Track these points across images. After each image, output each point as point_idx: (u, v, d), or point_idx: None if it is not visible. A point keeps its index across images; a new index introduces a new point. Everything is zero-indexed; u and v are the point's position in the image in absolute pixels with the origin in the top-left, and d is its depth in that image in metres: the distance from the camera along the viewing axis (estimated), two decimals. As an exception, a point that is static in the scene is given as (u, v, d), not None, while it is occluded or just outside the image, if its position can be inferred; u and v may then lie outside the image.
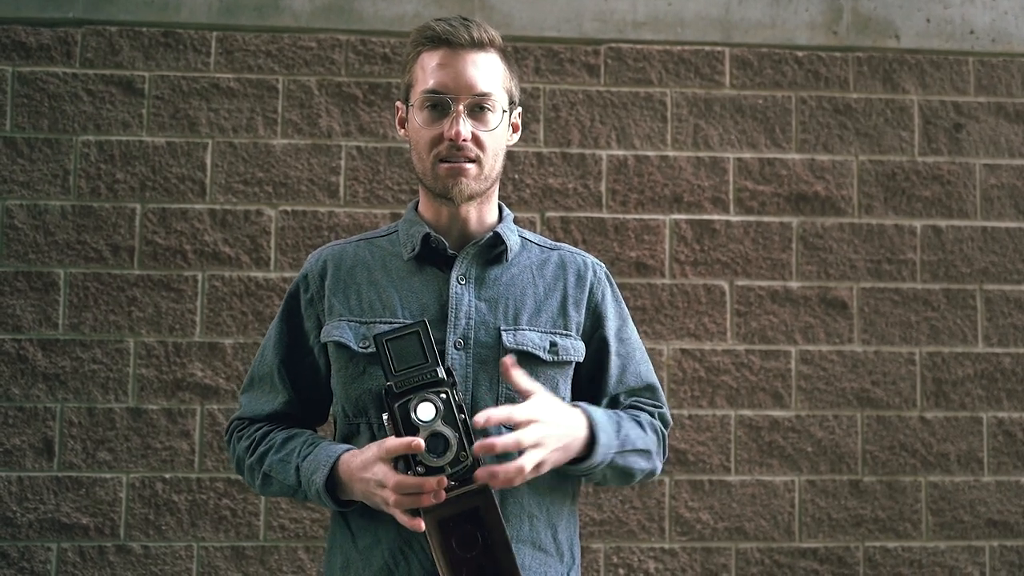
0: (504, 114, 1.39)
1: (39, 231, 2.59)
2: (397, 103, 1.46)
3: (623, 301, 1.52)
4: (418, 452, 1.16)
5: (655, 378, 1.50)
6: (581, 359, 1.41)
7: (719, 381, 2.66)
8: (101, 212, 2.61)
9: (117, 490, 2.53)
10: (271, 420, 1.44)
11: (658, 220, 2.70)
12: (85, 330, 2.57)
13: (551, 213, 2.68)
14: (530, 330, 1.37)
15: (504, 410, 1.21)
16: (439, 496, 1.17)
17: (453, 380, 1.24)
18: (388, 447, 1.18)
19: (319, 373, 1.43)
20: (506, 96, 1.39)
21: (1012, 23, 2.83)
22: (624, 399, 1.45)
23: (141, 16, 2.66)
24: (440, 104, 1.35)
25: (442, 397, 1.20)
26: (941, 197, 2.77)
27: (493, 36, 1.38)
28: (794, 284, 2.71)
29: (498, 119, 1.37)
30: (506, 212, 1.48)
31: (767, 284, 2.71)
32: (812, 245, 2.73)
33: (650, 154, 2.72)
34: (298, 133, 2.67)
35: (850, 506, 2.66)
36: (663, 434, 1.46)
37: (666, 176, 2.72)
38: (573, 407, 1.30)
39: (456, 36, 1.34)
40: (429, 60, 1.36)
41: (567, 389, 1.41)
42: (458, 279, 1.37)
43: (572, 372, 1.42)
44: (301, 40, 2.69)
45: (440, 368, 1.22)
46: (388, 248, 1.44)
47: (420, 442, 1.16)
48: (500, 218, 1.46)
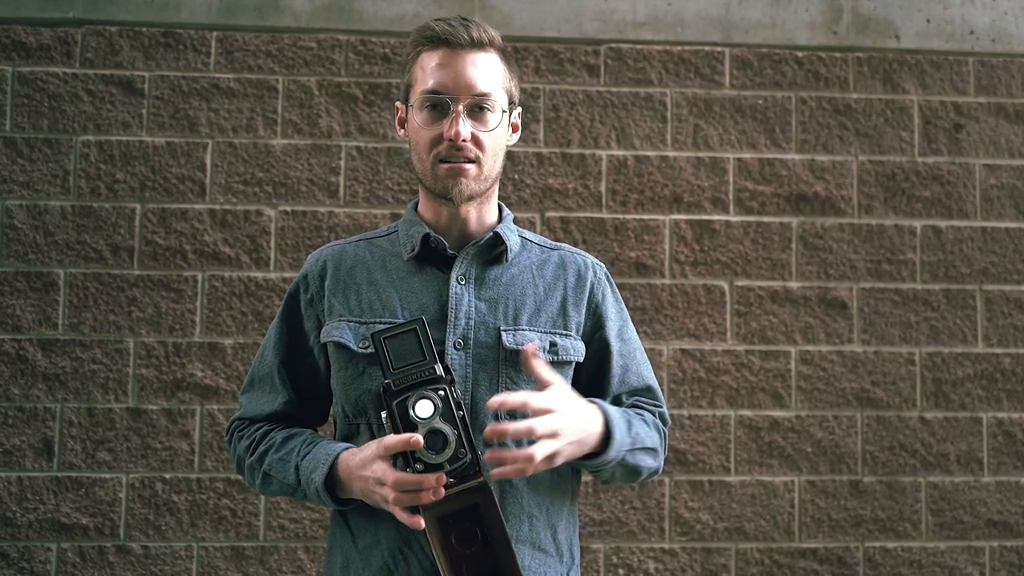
0: (504, 114, 1.39)
1: (39, 231, 2.59)
2: (397, 103, 1.46)
3: (623, 301, 1.52)
4: (417, 449, 1.16)
5: (654, 378, 1.51)
6: (581, 359, 1.42)
7: (719, 381, 2.66)
8: (101, 212, 2.61)
9: (117, 490, 2.53)
10: (271, 420, 1.44)
11: (658, 220, 2.70)
12: (85, 330, 2.57)
13: (551, 213, 2.68)
14: (530, 330, 1.37)
15: (521, 395, 1.21)
16: (438, 493, 1.17)
17: (451, 377, 1.24)
18: (387, 444, 1.18)
19: (319, 373, 1.43)
20: (505, 96, 1.39)
21: (1012, 23, 2.83)
22: (626, 399, 1.45)
23: (141, 16, 2.66)
24: (440, 104, 1.35)
25: (440, 394, 1.20)
26: (941, 197, 2.77)
27: (493, 36, 1.38)
28: (794, 284, 2.71)
29: (497, 119, 1.37)
30: (506, 212, 1.48)
31: (767, 284, 2.71)
32: (812, 245, 2.73)
33: (650, 154, 2.72)
34: (298, 133, 2.67)
35: (850, 506, 2.66)
36: (664, 433, 1.47)
37: (666, 176, 2.72)
38: (589, 403, 1.31)
39: (455, 36, 1.34)
40: (429, 60, 1.36)
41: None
42: (458, 279, 1.37)
43: (572, 372, 1.42)
44: (301, 40, 2.69)
45: (438, 365, 1.22)
46: (388, 248, 1.44)
47: (419, 438, 1.16)
48: (500, 218, 1.46)
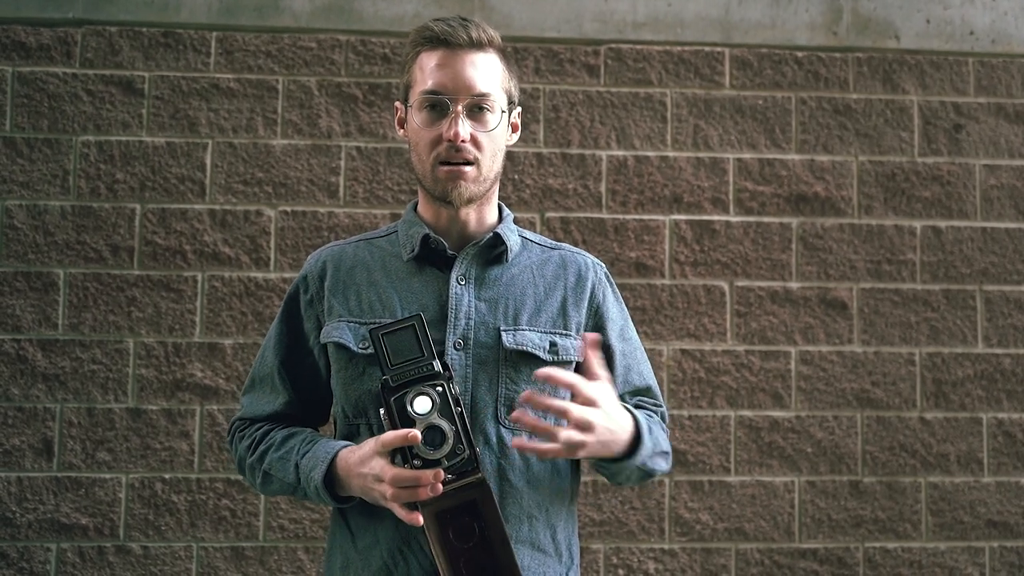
0: (503, 114, 1.38)
1: (39, 231, 2.59)
2: (396, 103, 1.46)
3: (623, 301, 1.53)
4: (414, 444, 1.16)
5: (654, 378, 1.51)
6: (581, 359, 1.41)
7: (719, 382, 2.66)
8: (101, 212, 2.61)
9: (116, 490, 2.53)
10: (272, 420, 1.44)
11: (658, 220, 2.70)
12: (85, 330, 2.57)
13: (551, 213, 2.68)
14: (530, 330, 1.37)
15: (571, 377, 1.22)
16: (436, 489, 1.17)
17: (450, 374, 1.24)
18: (384, 440, 1.18)
19: (319, 374, 1.43)
20: (505, 96, 1.39)
21: (1012, 24, 2.83)
22: (628, 399, 1.45)
23: (141, 16, 2.66)
24: (439, 105, 1.34)
25: (438, 390, 1.20)
26: (941, 198, 2.77)
27: (492, 36, 1.38)
28: (794, 285, 2.71)
29: (497, 119, 1.37)
30: (506, 212, 1.48)
31: (767, 285, 2.71)
32: (812, 246, 2.73)
33: (650, 154, 2.72)
34: (298, 133, 2.67)
35: (850, 507, 2.66)
36: (667, 433, 1.47)
37: (666, 176, 2.72)
38: (624, 407, 1.32)
39: (455, 36, 1.34)
40: (428, 60, 1.36)
41: (566, 390, 1.41)
42: (458, 279, 1.37)
43: (572, 372, 1.42)
44: (301, 40, 2.69)
45: (436, 361, 1.22)
46: (388, 249, 1.44)
47: (416, 433, 1.16)
48: (500, 218, 1.46)
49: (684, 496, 2.62)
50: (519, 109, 1.46)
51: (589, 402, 1.23)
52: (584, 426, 1.21)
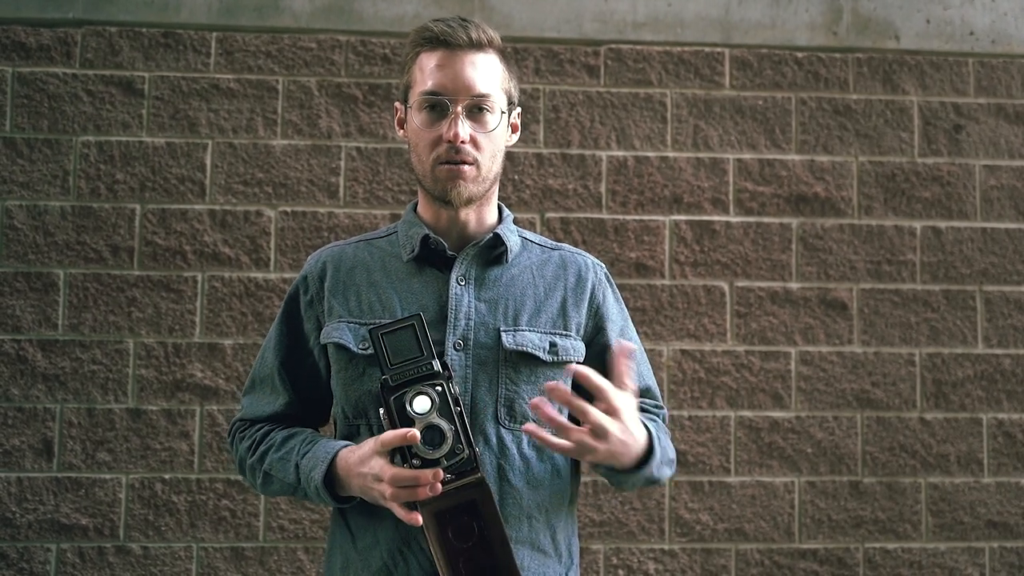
0: (503, 115, 1.38)
1: (39, 231, 2.59)
2: (396, 104, 1.46)
3: (623, 301, 1.53)
4: (413, 444, 1.16)
5: (654, 378, 1.51)
6: (581, 359, 1.41)
7: (719, 382, 2.66)
8: (101, 212, 2.61)
9: (116, 491, 2.53)
10: (272, 421, 1.44)
11: (658, 221, 2.70)
12: (85, 331, 2.57)
13: (551, 214, 2.68)
14: (530, 331, 1.37)
15: (603, 381, 1.21)
16: (435, 489, 1.17)
17: (449, 373, 1.23)
18: (384, 439, 1.18)
19: (319, 374, 1.43)
20: (504, 97, 1.39)
21: (1012, 24, 2.83)
22: None
23: (141, 16, 2.66)
24: (438, 105, 1.34)
25: (438, 390, 1.20)
26: (941, 198, 2.77)
27: (492, 36, 1.38)
28: (794, 285, 2.71)
29: (496, 120, 1.37)
30: (506, 213, 1.48)
31: (767, 285, 2.71)
32: (812, 246, 2.73)
33: (650, 155, 2.72)
34: (298, 134, 2.67)
35: (850, 507, 2.65)
36: (668, 435, 1.47)
37: (666, 177, 2.72)
38: (641, 421, 1.30)
39: (454, 37, 1.34)
40: (427, 61, 1.36)
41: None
42: (458, 280, 1.37)
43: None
44: (301, 41, 2.69)
45: (436, 361, 1.22)
46: (387, 249, 1.44)
47: (415, 433, 1.16)
48: (500, 219, 1.46)
49: (684, 496, 2.62)
50: (519, 109, 1.46)
51: (612, 411, 1.21)
52: (600, 433, 1.20)
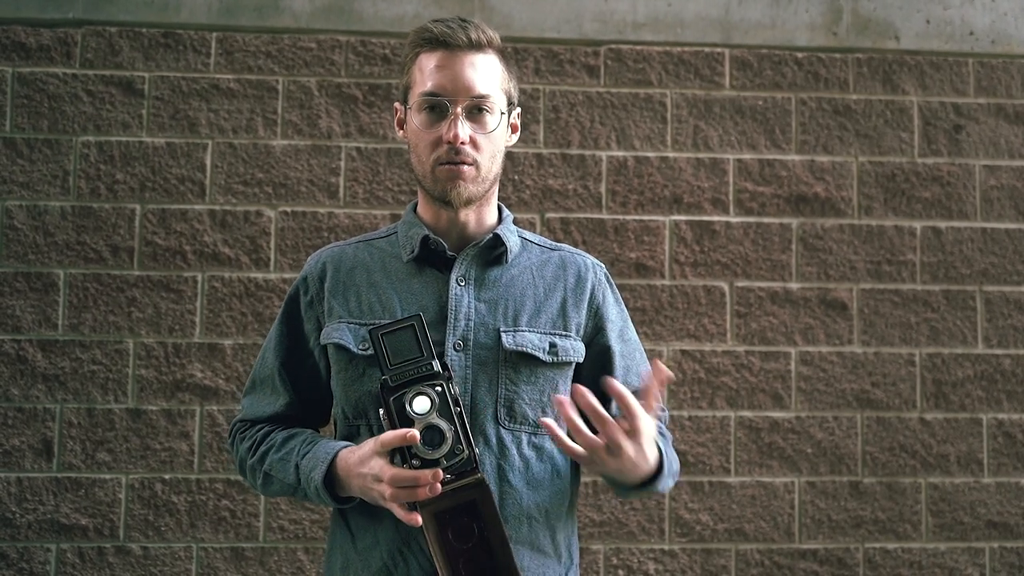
0: (502, 116, 1.38)
1: (39, 232, 2.59)
2: (396, 104, 1.46)
3: (623, 302, 1.52)
4: (413, 444, 1.16)
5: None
6: (581, 360, 1.41)
7: (719, 382, 2.66)
8: (101, 213, 2.61)
9: (116, 491, 2.53)
10: (273, 422, 1.44)
11: (658, 221, 2.70)
12: (85, 331, 2.57)
13: (551, 214, 2.68)
14: (529, 331, 1.37)
15: (636, 405, 1.19)
16: (434, 489, 1.16)
17: (449, 374, 1.23)
18: (383, 440, 1.18)
19: (320, 375, 1.43)
20: (504, 97, 1.39)
21: (1012, 24, 2.83)
22: None
23: (141, 16, 2.66)
24: (438, 106, 1.34)
25: (437, 390, 1.19)
26: (941, 198, 2.77)
27: (492, 37, 1.38)
28: (794, 285, 2.71)
29: (496, 121, 1.37)
30: (506, 213, 1.48)
31: (767, 285, 2.71)
32: (812, 246, 2.73)
33: (650, 155, 2.72)
34: (298, 134, 2.67)
35: (850, 507, 2.65)
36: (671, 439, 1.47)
37: (666, 177, 2.72)
38: (654, 441, 1.29)
39: (454, 38, 1.34)
40: (427, 62, 1.35)
41: (567, 390, 1.40)
42: (458, 280, 1.37)
43: (572, 373, 1.42)
44: (301, 41, 2.69)
45: (435, 361, 1.22)
46: (387, 250, 1.44)
47: (415, 433, 1.16)
48: (500, 219, 1.46)
49: (684, 497, 2.62)
50: (519, 110, 1.46)
51: (633, 431, 1.20)
52: (614, 450, 1.20)
